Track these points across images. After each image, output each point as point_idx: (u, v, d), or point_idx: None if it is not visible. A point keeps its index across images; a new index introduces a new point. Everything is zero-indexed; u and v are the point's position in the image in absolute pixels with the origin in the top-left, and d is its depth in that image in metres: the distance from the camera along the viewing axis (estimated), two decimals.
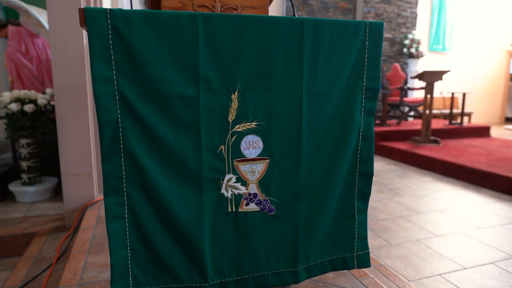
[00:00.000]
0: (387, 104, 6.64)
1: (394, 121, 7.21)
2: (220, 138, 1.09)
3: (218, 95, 1.06)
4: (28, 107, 3.15)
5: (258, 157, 1.13)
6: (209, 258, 1.15)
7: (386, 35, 8.26)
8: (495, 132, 8.47)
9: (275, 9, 7.79)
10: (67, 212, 2.69)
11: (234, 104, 1.07)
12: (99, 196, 2.82)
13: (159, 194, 1.05)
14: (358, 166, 1.24)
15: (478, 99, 9.99)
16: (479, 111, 10.01)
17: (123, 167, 1.02)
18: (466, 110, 9.26)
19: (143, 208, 1.06)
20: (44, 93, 3.45)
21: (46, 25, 3.49)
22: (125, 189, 1.03)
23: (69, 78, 2.54)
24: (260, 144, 1.12)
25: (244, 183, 1.14)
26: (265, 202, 1.17)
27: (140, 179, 1.04)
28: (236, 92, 1.07)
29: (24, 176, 3.27)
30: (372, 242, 2.63)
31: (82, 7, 2.83)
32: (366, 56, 1.17)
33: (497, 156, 4.89)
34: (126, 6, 5.84)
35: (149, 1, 1.42)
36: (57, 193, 3.44)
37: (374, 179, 4.36)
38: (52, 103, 3.42)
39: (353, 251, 1.30)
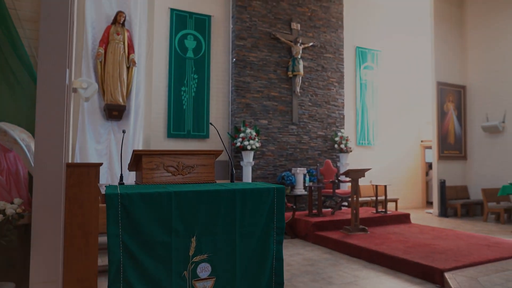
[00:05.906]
0: (321, 196, 7.53)
1: (330, 210, 8.07)
2: (184, 266, 1.68)
3: (183, 239, 1.67)
4: None
5: (208, 277, 1.73)
6: None
7: (319, 132, 9.55)
8: (418, 215, 9.64)
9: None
10: None
11: (193, 244, 1.70)
12: None
13: None
14: (274, 278, 1.87)
15: (402, 185, 11.41)
16: (405, 196, 11.35)
17: None
18: (393, 196, 10.51)
19: None
20: (12, 203, 3.79)
21: (20, 142, 3.98)
22: None
23: (46, 199, 3.01)
24: (209, 268, 1.73)
25: None
26: None
27: None
28: (195, 237, 1.70)
29: None
30: None
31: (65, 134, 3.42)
32: (275, 207, 1.87)
33: (412, 242, 5.75)
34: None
35: (132, 162, 2.08)
36: None
37: (310, 268, 5.00)
38: (18, 211, 3.76)
39: None
